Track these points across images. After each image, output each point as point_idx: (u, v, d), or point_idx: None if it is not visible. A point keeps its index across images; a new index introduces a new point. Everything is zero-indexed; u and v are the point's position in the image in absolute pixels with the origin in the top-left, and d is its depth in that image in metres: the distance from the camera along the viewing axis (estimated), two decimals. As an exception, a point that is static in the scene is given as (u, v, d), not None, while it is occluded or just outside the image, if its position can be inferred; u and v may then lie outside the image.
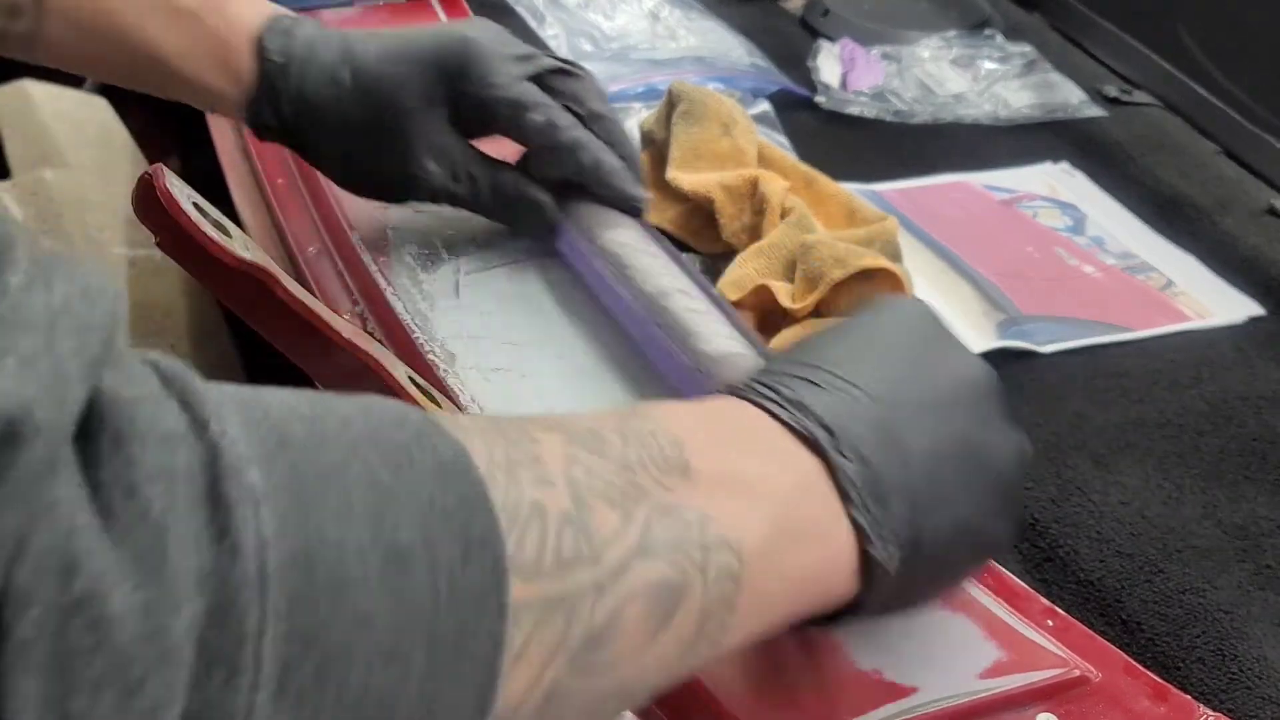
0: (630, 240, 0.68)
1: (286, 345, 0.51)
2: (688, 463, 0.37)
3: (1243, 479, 0.75)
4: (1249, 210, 1.01)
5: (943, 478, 0.43)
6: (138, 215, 0.48)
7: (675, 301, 0.64)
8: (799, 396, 0.42)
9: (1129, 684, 0.54)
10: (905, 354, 0.46)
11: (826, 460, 0.41)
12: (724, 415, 0.42)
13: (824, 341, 0.46)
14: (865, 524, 0.41)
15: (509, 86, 0.67)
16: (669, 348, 0.62)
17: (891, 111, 1.10)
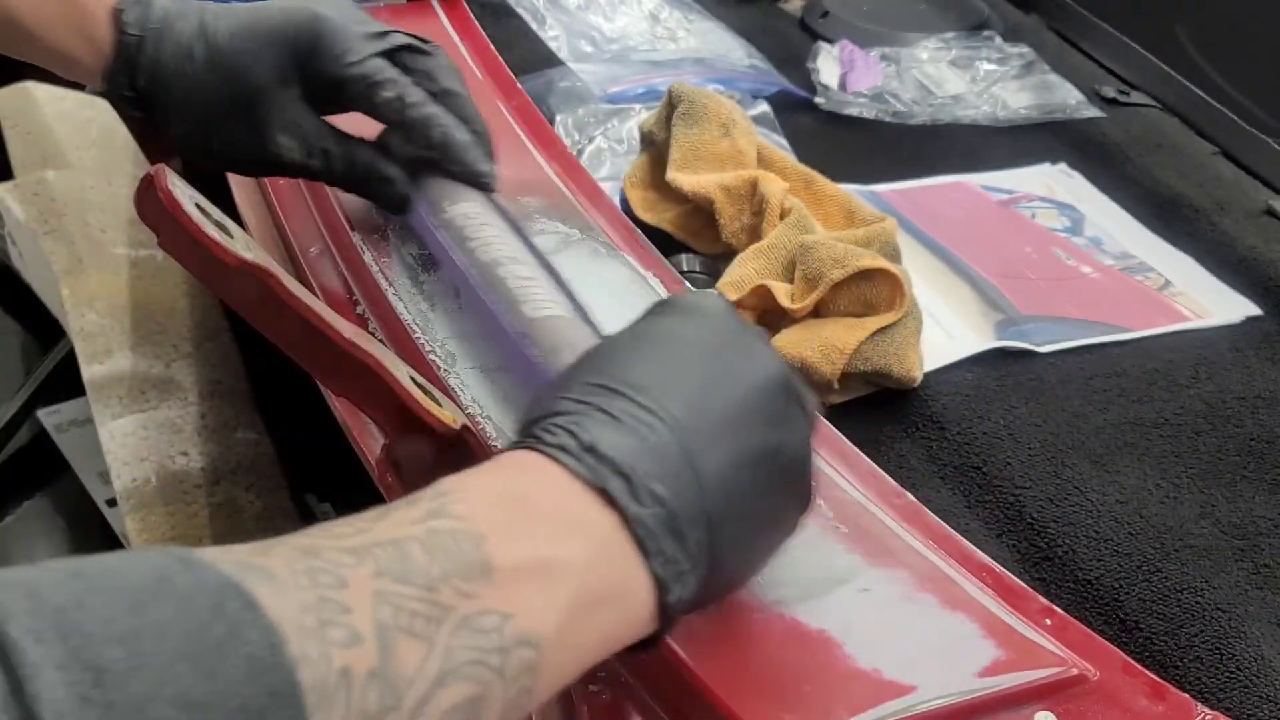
0: (471, 211, 0.69)
1: (288, 345, 0.51)
2: (489, 561, 0.39)
3: (1240, 478, 0.75)
4: (1246, 211, 1.02)
5: (737, 490, 0.46)
6: (139, 215, 0.48)
7: (506, 270, 0.65)
8: (593, 439, 0.43)
9: (1127, 683, 0.54)
10: (701, 365, 0.47)
11: (623, 512, 0.42)
12: (523, 489, 0.42)
13: (623, 356, 0.47)
14: (662, 574, 0.43)
15: (360, 63, 0.68)
16: (499, 314, 0.63)
17: (890, 112, 1.10)
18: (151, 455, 0.85)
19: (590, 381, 0.46)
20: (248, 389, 0.93)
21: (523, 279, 0.65)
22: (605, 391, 0.45)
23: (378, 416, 0.52)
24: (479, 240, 0.67)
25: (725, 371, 0.48)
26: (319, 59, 0.68)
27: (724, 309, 0.51)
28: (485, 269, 0.66)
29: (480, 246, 0.67)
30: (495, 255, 0.66)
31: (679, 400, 0.45)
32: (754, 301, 0.79)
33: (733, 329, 0.50)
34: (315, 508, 0.95)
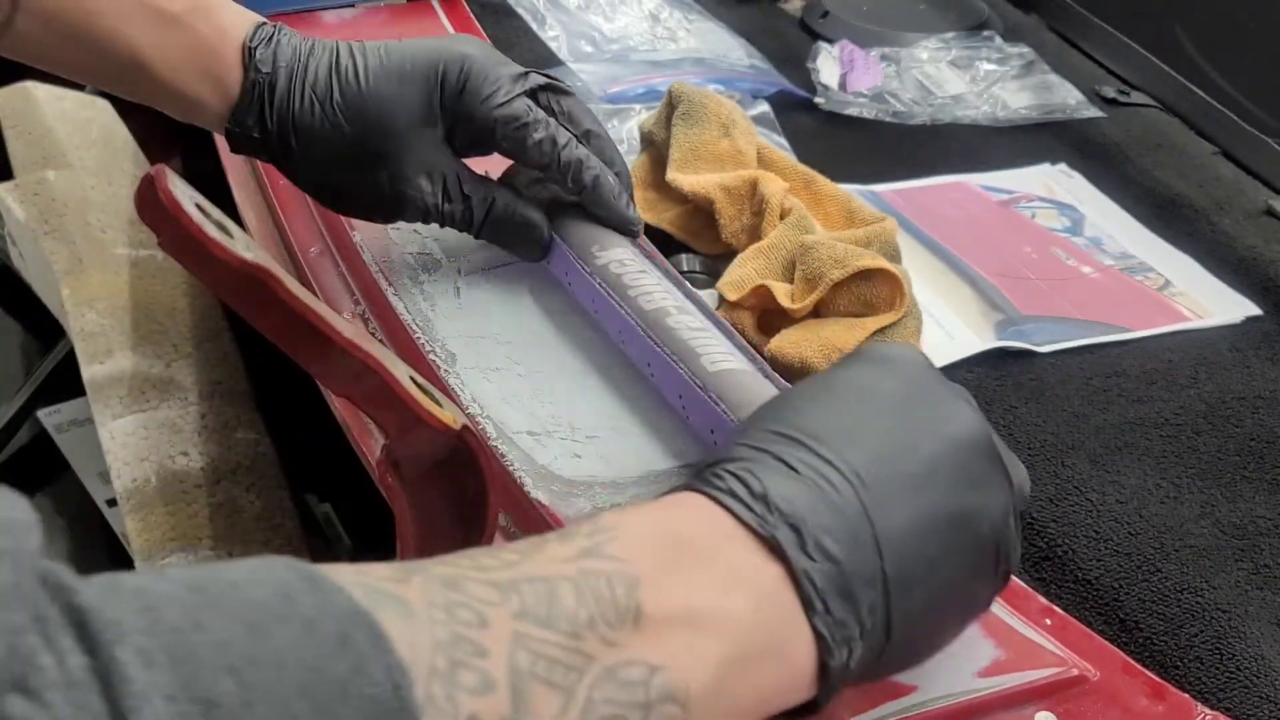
0: (626, 259, 0.68)
1: (288, 345, 0.51)
2: (640, 607, 0.37)
3: (1240, 478, 0.75)
4: (1246, 211, 1.02)
5: (919, 554, 0.43)
6: (140, 215, 0.48)
7: (675, 319, 0.64)
8: (765, 488, 0.41)
9: (1127, 683, 0.54)
10: (890, 418, 0.45)
11: (789, 565, 0.40)
12: (685, 533, 0.40)
13: (806, 404, 0.45)
14: (825, 632, 0.41)
15: (509, 104, 0.66)
16: (673, 367, 0.62)
17: (890, 112, 1.10)
18: (151, 455, 0.85)
19: (769, 429, 0.44)
20: (248, 389, 0.93)
21: (695, 330, 0.63)
22: (783, 440, 0.43)
23: (378, 416, 0.52)
24: (639, 289, 0.66)
25: (916, 426, 0.45)
26: (467, 100, 0.65)
27: (919, 360, 0.48)
28: (652, 319, 0.64)
29: (642, 296, 0.65)
30: (661, 305, 0.65)
31: (862, 453, 0.43)
32: (754, 301, 0.79)
33: (928, 382, 0.47)
34: (315, 508, 0.95)
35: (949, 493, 0.44)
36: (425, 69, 0.65)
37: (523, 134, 0.66)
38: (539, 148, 0.67)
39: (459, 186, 0.67)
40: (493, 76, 0.66)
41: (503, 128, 0.66)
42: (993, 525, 0.45)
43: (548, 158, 0.67)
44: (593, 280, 0.67)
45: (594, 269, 0.68)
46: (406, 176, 0.66)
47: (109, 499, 0.94)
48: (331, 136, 0.65)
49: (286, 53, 0.65)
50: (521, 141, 0.66)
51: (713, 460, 0.44)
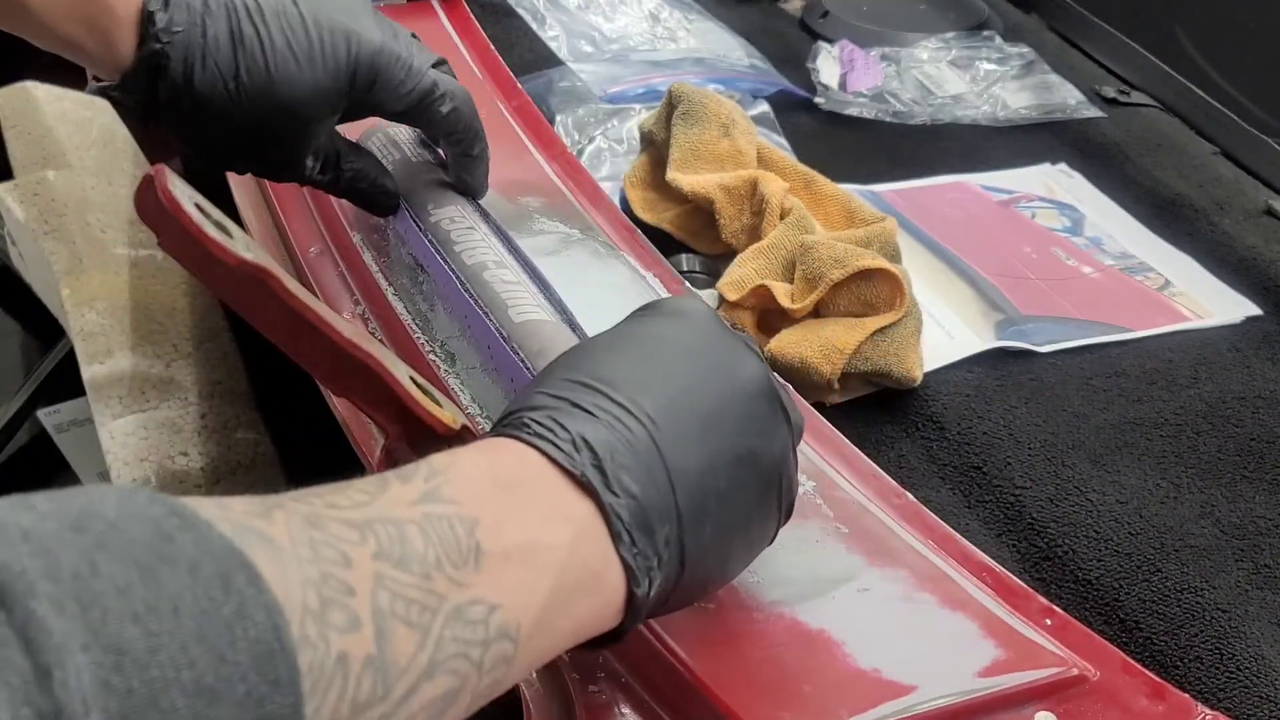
0: (455, 215, 0.70)
1: (287, 345, 0.51)
2: (479, 546, 0.40)
3: (1240, 478, 0.75)
4: (1246, 211, 1.02)
5: (709, 490, 0.46)
6: (139, 215, 0.48)
7: (492, 274, 0.65)
8: (575, 431, 0.44)
9: (1127, 682, 0.54)
10: (680, 365, 0.48)
11: (599, 500, 0.43)
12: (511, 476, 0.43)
13: (601, 355, 0.48)
14: (632, 562, 0.43)
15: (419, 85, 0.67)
16: (482, 318, 0.63)
17: (890, 112, 1.10)
18: (151, 455, 0.85)
19: (567, 378, 0.46)
20: (248, 389, 0.93)
21: (508, 283, 0.65)
22: (580, 387, 0.46)
23: (378, 416, 0.52)
24: (464, 244, 0.68)
25: (704, 373, 0.48)
26: (379, 94, 0.66)
27: (706, 312, 0.51)
28: (471, 273, 0.66)
29: (466, 250, 0.67)
30: (481, 259, 0.67)
31: (654, 398, 0.46)
32: (754, 301, 0.79)
33: (716, 332, 0.50)
34: (315, 508, 0.95)
35: (735, 433, 0.47)
36: (338, 59, 0.64)
37: (434, 109, 0.68)
38: (447, 119, 0.68)
39: (335, 161, 0.69)
40: (402, 63, 0.66)
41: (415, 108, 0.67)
42: (775, 463, 0.49)
43: (459, 124, 0.69)
44: (423, 236, 0.69)
45: (426, 225, 0.70)
46: (297, 157, 0.67)
47: (109, 499, 0.94)
48: (229, 113, 0.63)
49: (182, 14, 0.61)
50: (431, 116, 0.68)
51: (514, 409, 0.46)
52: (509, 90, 0.91)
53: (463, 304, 0.66)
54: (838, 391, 0.77)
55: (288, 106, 0.63)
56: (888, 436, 0.77)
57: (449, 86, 0.68)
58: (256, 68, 0.62)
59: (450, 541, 0.39)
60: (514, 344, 0.61)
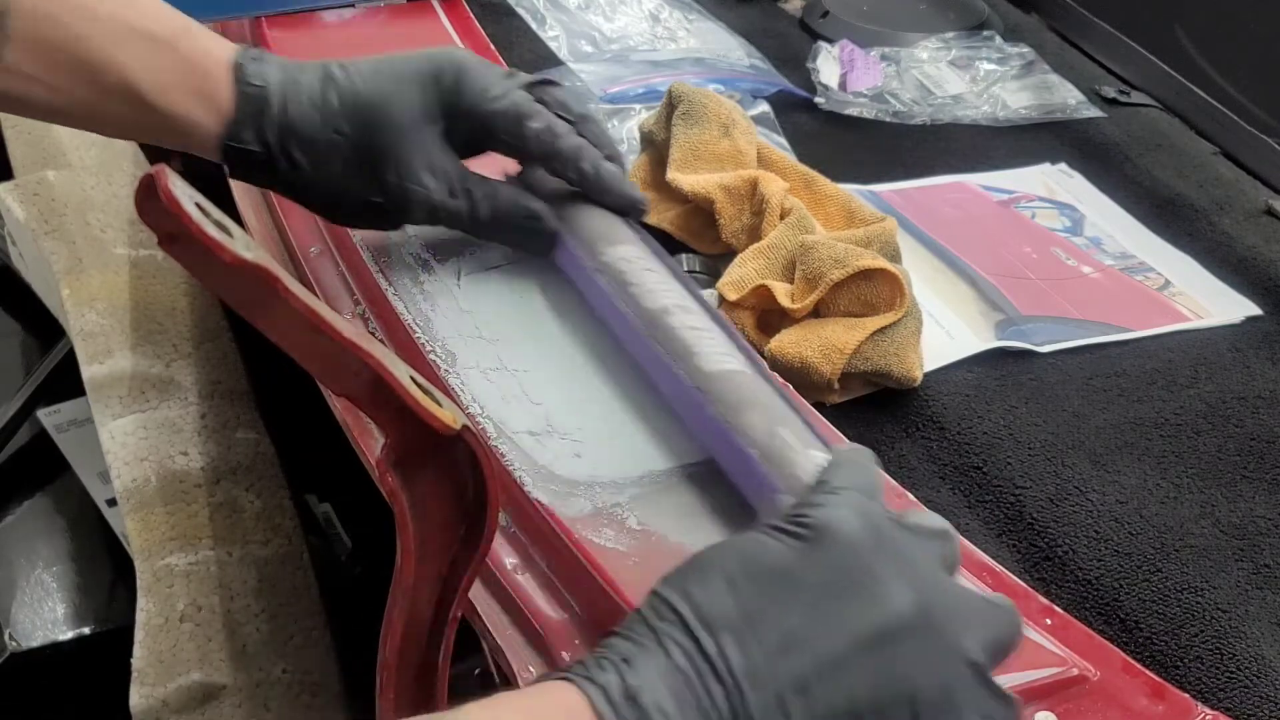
0: (631, 255, 0.68)
1: (288, 345, 0.51)
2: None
3: (1240, 478, 0.75)
4: (1246, 211, 1.02)
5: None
6: (140, 215, 0.48)
7: (675, 319, 0.64)
8: (638, 687, 0.40)
9: (1127, 682, 0.54)
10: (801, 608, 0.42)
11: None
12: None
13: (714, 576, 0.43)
14: None
15: (506, 96, 0.66)
16: (669, 365, 0.62)
17: (890, 112, 1.10)
18: (151, 455, 0.85)
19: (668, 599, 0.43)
20: (248, 389, 0.93)
21: (694, 329, 0.63)
22: (674, 621, 0.42)
23: (378, 416, 0.52)
24: (642, 286, 0.65)
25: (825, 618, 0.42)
26: (464, 96, 0.66)
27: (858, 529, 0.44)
28: (651, 317, 0.64)
29: (644, 293, 0.65)
30: (662, 303, 0.64)
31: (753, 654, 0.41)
32: (754, 301, 0.79)
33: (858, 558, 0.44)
34: (315, 508, 0.95)
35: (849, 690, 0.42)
36: (419, 71, 0.66)
37: (521, 126, 0.66)
38: (538, 138, 0.67)
39: (463, 183, 0.67)
40: (486, 74, 0.67)
41: (502, 120, 0.66)
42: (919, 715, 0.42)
43: (548, 147, 0.67)
44: (595, 276, 0.67)
45: (599, 265, 0.68)
46: (411, 174, 0.66)
47: (109, 499, 0.94)
48: (333, 140, 0.65)
49: (275, 69, 0.65)
50: (520, 133, 0.67)
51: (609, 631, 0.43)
52: (509, 90, 0.91)
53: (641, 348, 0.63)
54: (838, 391, 0.77)
55: (380, 116, 0.65)
56: (888, 436, 0.77)
57: (538, 108, 0.67)
58: (346, 94, 0.65)
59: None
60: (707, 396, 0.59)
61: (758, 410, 0.58)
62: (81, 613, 0.89)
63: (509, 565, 0.58)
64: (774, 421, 0.58)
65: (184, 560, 0.81)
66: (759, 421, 0.58)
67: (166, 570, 0.80)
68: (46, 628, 0.88)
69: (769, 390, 0.60)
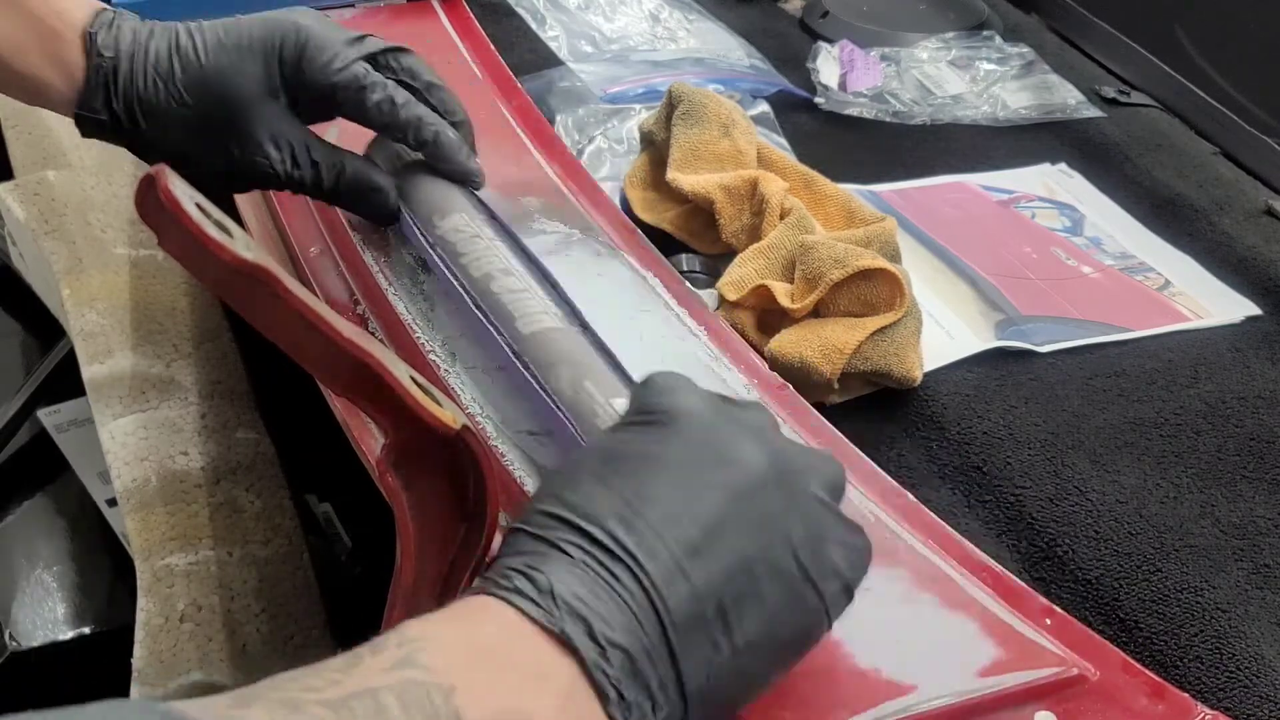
0: (461, 225, 0.69)
1: (287, 345, 0.51)
2: (459, 714, 0.38)
3: (1240, 478, 0.75)
4: (1246, 211, 1.02)
5: (709, 617, 0.44)
6: (140, 215, 0.48)
7: (497, 283, 0.65)
8: (550, 584, 0.42)
9: (1127, 682, 0.54)
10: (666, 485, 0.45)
11: (581, 658, 0.41)
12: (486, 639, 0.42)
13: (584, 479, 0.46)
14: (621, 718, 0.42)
15: (347, 68, 0.68)
16: (490, 332, 0.63)
17: (890, 113, 1.10)
18: (151, 455, 0.85)
19: (550, 511, 0.45)
20: (248, 389, 0.93)
21: (515, 291, 0.64)
22: (561, 524, 0.44)
23: (378, 416, 0.52)
24: (470, 255, 0.67)
25: (692, 487, 0.46)
26: (305, 68, 0.67)
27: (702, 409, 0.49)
28: (478, 284, 0.65)
29: (472, 262, 0.67)
30: (487, 269, 0.66)
31: (638, 530, 0.44)
32: (754, 301, 0.79)
33: (709, 434, 0.48)
34: (315, 508, 0.95)
35: (734, 545, 0.45)
36: (262, 41, 0.67)
37: (361, 96, 0.68)
38: (378, 108, 0.68)
39: (307, 153, 0.69)
40: (328, 43, 0.68)
41: (341, 92, 0.68)
42: (793, 551, 0.46)
43: (387, 117, 0.69)
44: (431, 250, 0.69)
45: (434, 238, 0.69)
46: (255, 145, 0.68)
47: (109, 499, 0.94)
48: (178, 113, 0.67)
49: (127, 36, 0.67)
50: (361, 104, 0.68)
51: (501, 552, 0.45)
52: (509, 90, 0.91)
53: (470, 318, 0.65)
54: (838, 391, 0.77)
55: (222, 91, 0.66)
56: (888, 436, 0.77)
57: (379, 79, 0.68)
58: (191, 65, 0.67)
59: (428, 709, 0.38)
60: (525, 358, 0.60)
61: (566, 365, 0.59)
62: (82, 612, 0.89)
63: (509, 565, 0.58)
64: (580, 375, 0.59)
65: (184, 560, 0.81)
66: (566, 376, 0.59)
67: (166, 570, 0.80)
68: (47, 627, 0.88)
69: (582, 345, 0.61)
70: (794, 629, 0.47)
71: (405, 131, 0.69)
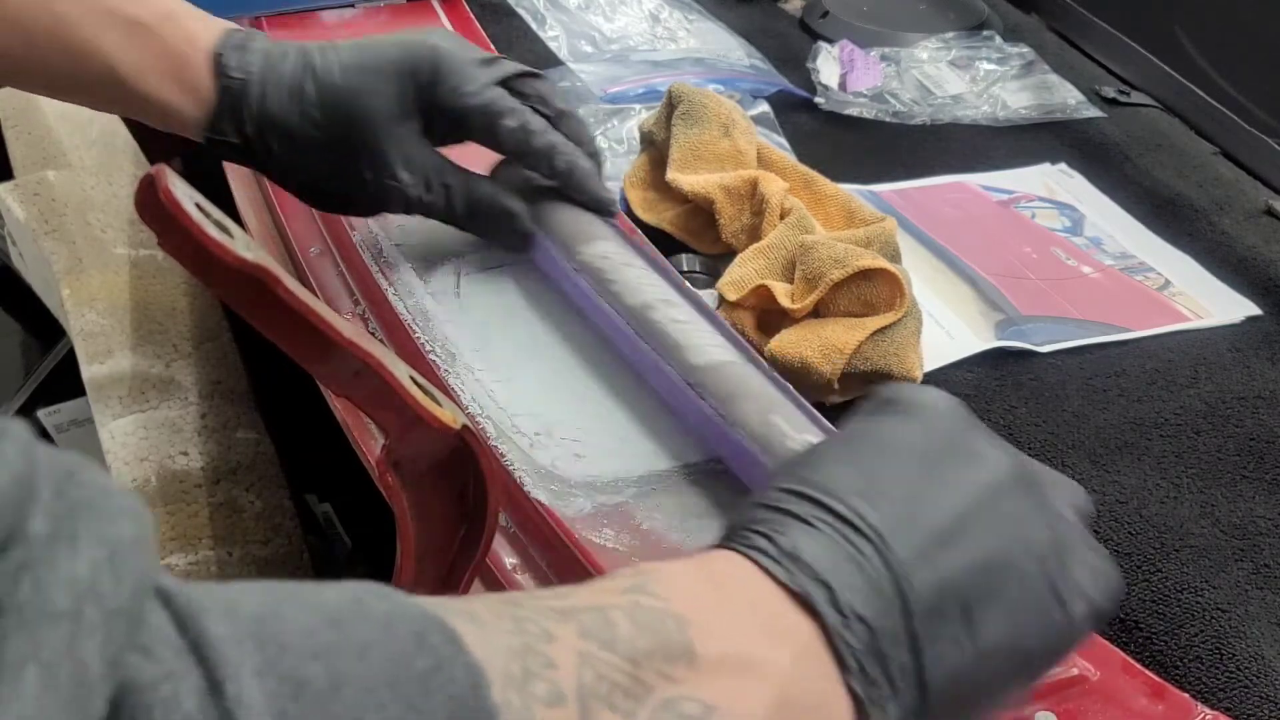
0: (610, 252, 0.68)
1: (288, 345, 0.51)
2: (692, 646, 0.37)
3: (1240, 478, 0.75)
4: (1246, 211, 1.02)
5: (949, 612, 0.41)
6: (140, 215, 0.48)
7: (659, 313, 0.63)
8: (794, 546, 0.41)
9: (1127, 682, 0.54)
10: (911, 471, 0.44)
11: (823, 622, 0.40)
12: (724, 581, 0.40)
13: (826, 461, 0.44)
14: (862, 693, 0.40)
15: (481, 93, 0.66)
16: (657, 363, 0.62)
17: (890, 113, 1.10)
18: (151, 455, 0.85)
19: (786, 487, 0.43)
20: (248, 389, 0.93)
21: (679, 322, 0.62)
22: (800, 499, 0.42)
23: (378, 416, 0.52)
24: (622, 283, 0.65)
25: (938, 478, 0.44)
26: (439, 91, 0.66)
27: (944, 404, 0.47)
28: (635, 313, 0.63)
29: (626, 290, 0.65)
30: (645, 298, 0.64)
31: (882, 511, 0.42)
32: (754, 301, 0.79)
33: (951, 428, 0.46)
34: (315, 508, 0.95)
35: (978, 542, 0.43)
36: (396, 63, 0.66)
37: (495, 122, 0.67)
38: (512, 135, 0.67)
39: (439, 177, 0.68)
40: (463, 67, 0.67)
41: (476, 117, 0.67)
42: (1039, 560, 0.43)
43: (522, 144, 0.68)
44: (575, 276, 0.68)
45: (578, 264, 0.68)
46: (387, 169, 0.67)
47: (109, 499, 0.94)
48: (310, 135, 0.66)
49: (258, 58, 0.66)
50: (494, 130, 0.67)
51: (737, 522, 0.43)
52: (509, 90, 0.91)
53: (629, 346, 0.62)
54: (838, 391, 0.77)
55: (357, 112, 0.65)
56: (888, 436, 0.76)
57: (514, 105, 0.67)
58: (325, 86, 0.65)
59: (660, 634, 0.37)
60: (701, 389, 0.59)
61: (750, 399, 0.58)
62: (81, 613, 0.89)
63: (509, 565, 0.58)
64: (767, 409, 0.58)
65: (184, 560, 0.81)
66: (752, 410, 0.58)
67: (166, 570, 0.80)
68: (46, 628, 0.88)
69: (760, 378, 0.60)
70: (1038, 643, 0.44)
71: (539, 159, 0.68)
